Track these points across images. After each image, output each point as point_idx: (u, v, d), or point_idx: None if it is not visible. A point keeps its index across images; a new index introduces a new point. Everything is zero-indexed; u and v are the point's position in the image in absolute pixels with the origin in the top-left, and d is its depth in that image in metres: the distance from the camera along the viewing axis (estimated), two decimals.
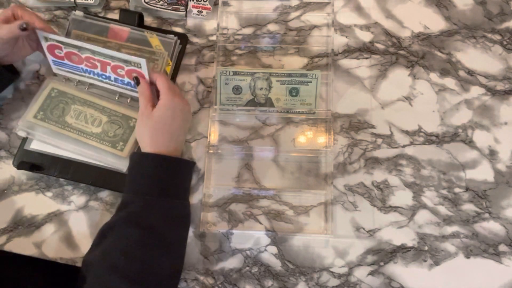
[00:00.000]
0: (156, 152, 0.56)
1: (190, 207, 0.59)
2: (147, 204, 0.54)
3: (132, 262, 0.51)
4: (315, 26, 0.71)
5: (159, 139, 0.57)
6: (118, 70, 0.61)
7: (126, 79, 0.62)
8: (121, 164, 0.61)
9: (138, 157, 0.57)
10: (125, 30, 0.67)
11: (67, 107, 0.64)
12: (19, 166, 0.63)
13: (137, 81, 0.60)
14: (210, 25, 0.72)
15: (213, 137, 0.66)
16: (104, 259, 0.51)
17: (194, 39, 0.71)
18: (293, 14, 0.72)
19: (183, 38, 0.69)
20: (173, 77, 0.68)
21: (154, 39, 0.67)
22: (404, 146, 0.65)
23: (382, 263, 0.60)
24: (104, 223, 0.55)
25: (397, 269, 0.60)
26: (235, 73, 0.66)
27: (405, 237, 0.61)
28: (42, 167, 0.63)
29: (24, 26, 0.59)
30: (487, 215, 0.62)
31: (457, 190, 0.63)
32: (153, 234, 0.53)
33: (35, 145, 0.64)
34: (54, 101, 0.64)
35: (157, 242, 0.53)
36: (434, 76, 0.68)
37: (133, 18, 0.67)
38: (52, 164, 0.63)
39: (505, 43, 0.69)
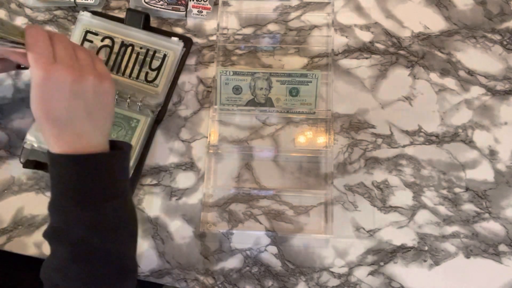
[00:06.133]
0: (62, 153, 0.45)
1: (129, 202, 0.50)
2: (67, 217, 0.46)
3: (70, 279, 0.46)
4: (315, 26, 0.71)
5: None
6: None
7: None
8: None
9: (49, 160, 0.47)
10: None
11: None
12: (25, 164, 0.63)
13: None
14: (210, 25, 0.72)
15: (213, 137, 0.66)
16: (46, 278, 0.47)
17: (194, 39, 0.70)
18: (293, 14, 0.72)
19: (187, 42, 0.69)
20: (175, 79, 0.67)
21: None
22: (404, 146, 0.65)
23: (382, 263, 0.60)
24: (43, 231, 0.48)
25: (397, 269, 0.60)
26: (235, 73, 0.66)
27: (405, 237, 0.61)
28: (46, 166, 0.63)
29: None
30: (487, 215, 0.62)
31: (457, 190, 0.63)
32: (84, 246, 0.46)
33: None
34: None
35: (89, 254, 0.47)
36: (434, 76, 0.68)
37: (139, 19, 0.66)
38: None
39: (505, 43, 0.69)
